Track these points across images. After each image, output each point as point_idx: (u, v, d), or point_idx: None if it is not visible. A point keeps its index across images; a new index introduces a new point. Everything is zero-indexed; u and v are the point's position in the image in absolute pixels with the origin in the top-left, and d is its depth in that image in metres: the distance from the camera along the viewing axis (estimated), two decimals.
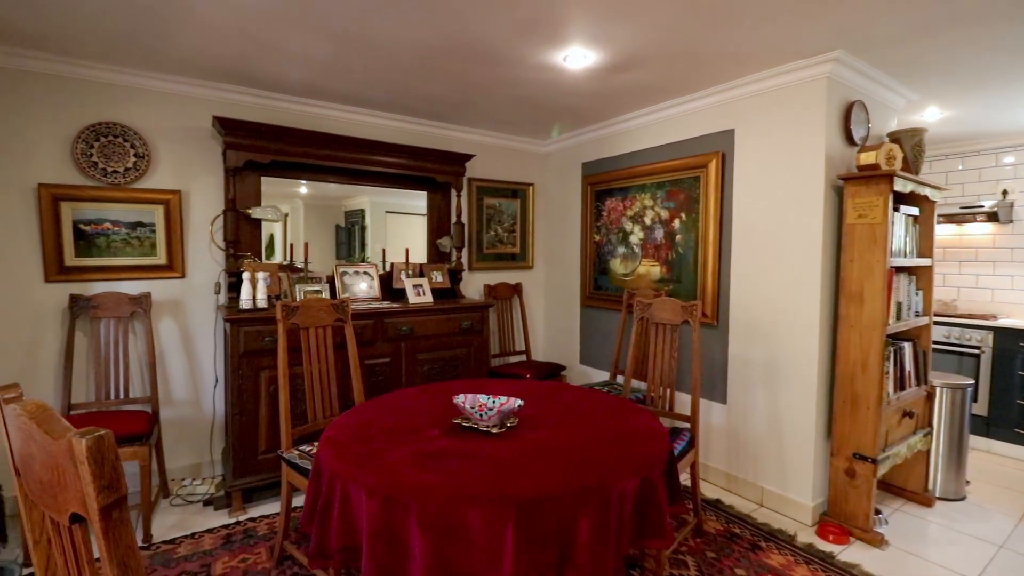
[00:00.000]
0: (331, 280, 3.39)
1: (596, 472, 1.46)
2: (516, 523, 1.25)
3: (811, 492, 2.70)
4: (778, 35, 2.35)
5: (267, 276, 2.92)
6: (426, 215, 3.95)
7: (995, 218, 3.99)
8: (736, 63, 2.68)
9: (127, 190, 2.89)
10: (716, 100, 3.09)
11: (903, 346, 2.75)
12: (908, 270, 2.81)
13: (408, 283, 3.51)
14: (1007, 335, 3.63)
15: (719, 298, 3.15)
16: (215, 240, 3.14)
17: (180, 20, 2.24)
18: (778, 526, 2.66)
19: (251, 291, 2.86)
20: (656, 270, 3.58)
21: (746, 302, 3.01)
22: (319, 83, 3.03)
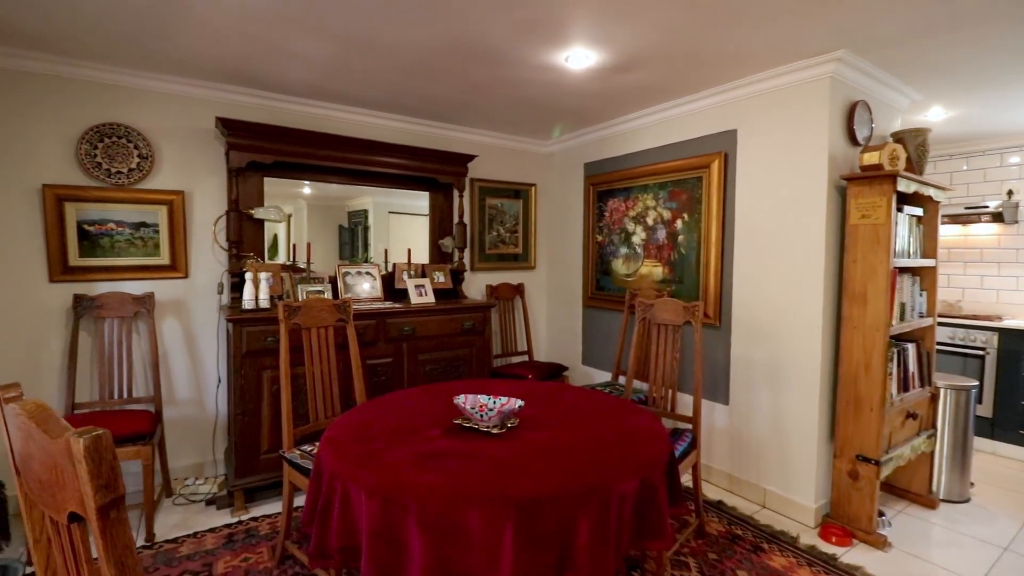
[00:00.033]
0: (333, 280, 3.40)
1: (596, 473, 1.46)
2: (515, 524, 1.25)
3: (814, 494, 2.69)
4: (780, 35, 2.34)
5: (270, 276, 2.93)
6: (428, 215, 3.96)
7: (1000, 219, 3.96)
8: (738, 63, 2.67)
9: (131, 191, 2.90)
10: (718, 100, 3.08)
11: (907, 347, 2.73)
12: (912, 271, 2.79)
13: (410, 283, 3.52)
14: (1012, 336, 3.60)
15: (721, 299, 3.15)
16: (218, 240, 3.15)
17: (182, 22, 2.25)
18: (780, 528, 2.65)
19: (254, 291, 2.87)
20: (658, 271, 3.57)
21: (749, 303, 3.00)
22: (321, 84, 3.03)
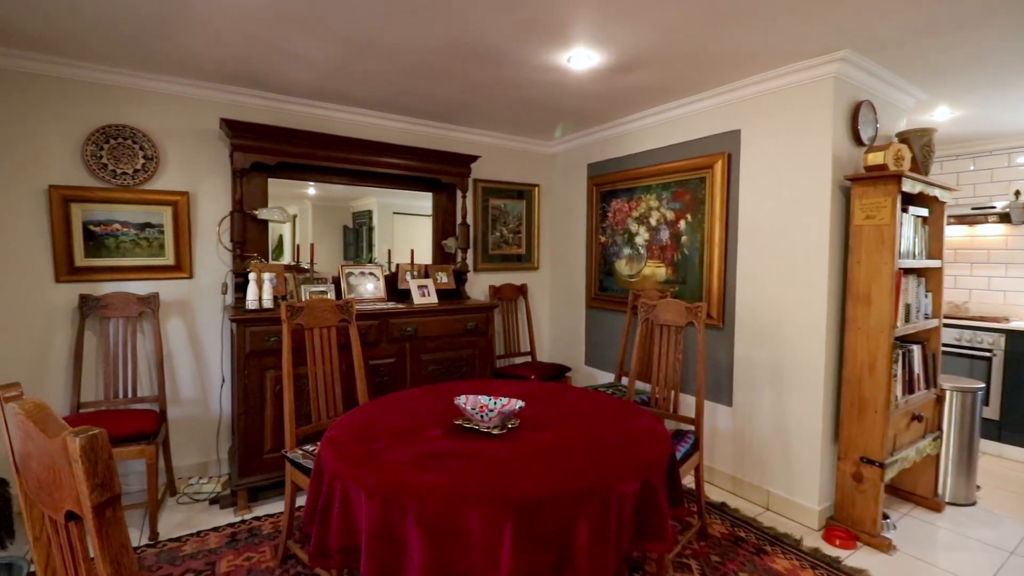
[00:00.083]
0: (337, 281, 3.41)
1: (596, 474, 1.45)
2: (515, 524, 1.25)
3: (817, 496, 2.67)
4: (783, 35, 2.33)
5: (273, 277, 2.94)
6: (431, 216, 3.96)
7: (1007, 219, 3.93)
8: (741, 63, 2.66)
9: (136, 191, 2.92)
10: (722, 101, 3.07)
11: (912, 349, 2.71)
12: (917, 272, 2.77)
13: (413, 284, 3.52)
14: (1020, 338, 3.56)
15: (725, 300, 3.13)
16: (222, 241, 3.17)
17: (185, 23, 2.26)
18: (784, 530, 2.64)
19: (257, 292, 2.88)
20: (661, 271, 3.56)
21: (752, 304, 2.98)
22: (325, 85, 3.05)
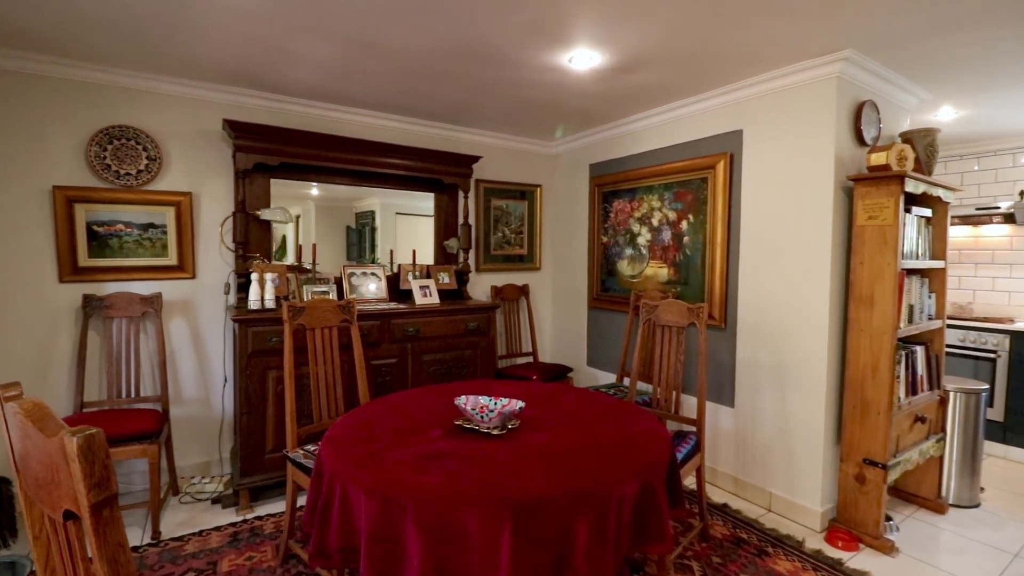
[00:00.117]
0: (339, 281, 3.42)
1: (596, 476, 1.45)
2: (513, 525, 1.24)
3: (820, 497, 2.66)
4: (786, 35, 2.32)
5: (275, 277, 2.95)
6: (433, 216, 3.96)
7: (1012, 219, 3.90)
8: (744, 63, 2.65)
9: (139, 192, 2.93)
10: (724, 101, 3.06)
11: (915, 350, 2.70)
12: (920, 272, 2.76)
13: (415, 284, 3.53)
14: None
15: (727, 300, 3.13)
16: (225, 241, 3.18)
17: (188, 25, 2.27)
18: (786, 532, 2.63)
19: (259, 292, 2.89)
20: (663, 272, 3.56)
21: (754, 304, 2.97)
22: (327, 86, 3.05)
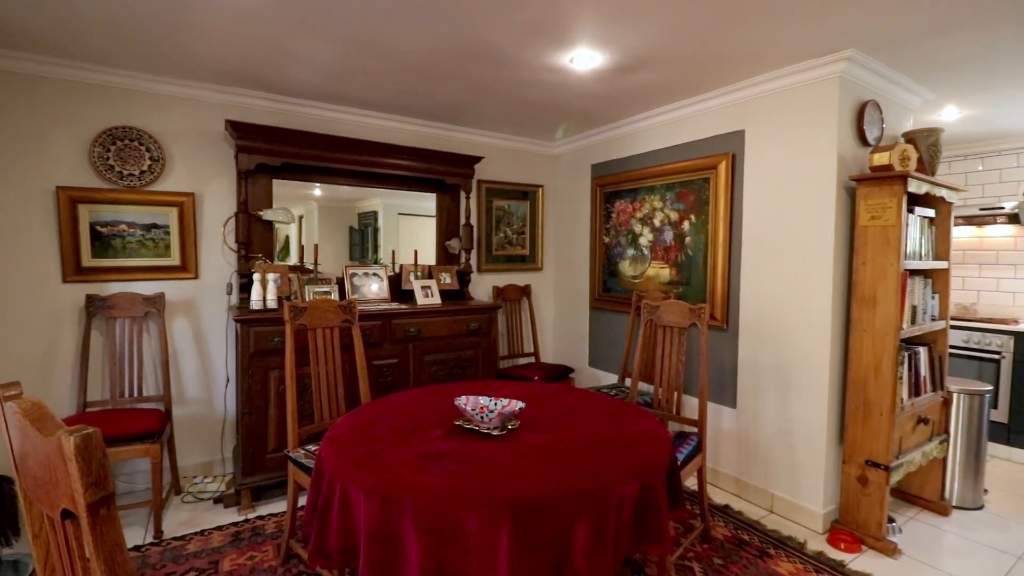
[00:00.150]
0: (341, 281, 3.42)
1: (595, 476, 1.45)
2: (512, 526, 1.24)
3: (822, 499, 2.65)
4: (788, 34, 2.31)
5: (277, 277, 2.96)
6: (435, 217, 3.97)
7: (1016, 220, 3.88)
8: (745, 63, 2.65)
9: (142, 192, 2.95)
10: (726, 101, 3.05)
11: (918, 351, 2.69)
12: (924, 273, 2.74)
13: (416, 284, 3.53)
14: None
15: (729, 301, 3.12)
16: (227, 242, 3.19)
17: (190, 27, 2.28)
18: (788, 533, 2.62)
19: (261, 292, 2.90)
20: (665, 272, 3.55)
21: (756, 305, 2.96)
22: (329, 87, 3.06)
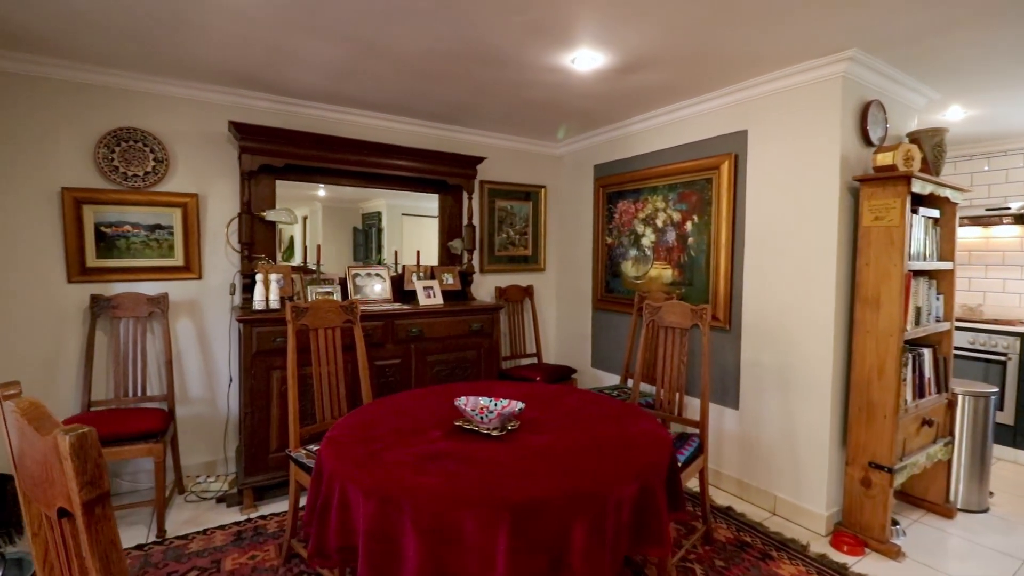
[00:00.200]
0: (343, 282, 3.43)
1: (594, 477, 1.45)
2: (510, 527, 1.24)
3: (825, 501, 2.64)
4: (790, 34, 2.31)
5: (280, 278, 2.97)
6: (438, 218, 3.97)
7: (1023, 220, 3.85)
8: (748, 63, 2.64)
9: (146, 193, 2.97)
10: (728, 101, 3.04)
11: (922, 352, 2.67)
12: (928, 274, 2.73)
13: (418, 285, 3.53)
14: None
15: (731, 302, 3.10)
16: (231, 242, 3.21)
17: (193, 29, 2.29)
18: (791, 535, 2.61)
19: (264, 292, 2.91)
20: (668, 273, 3.54)
21: (759, 306, 2.95)
22: (331, 88, 3.07)
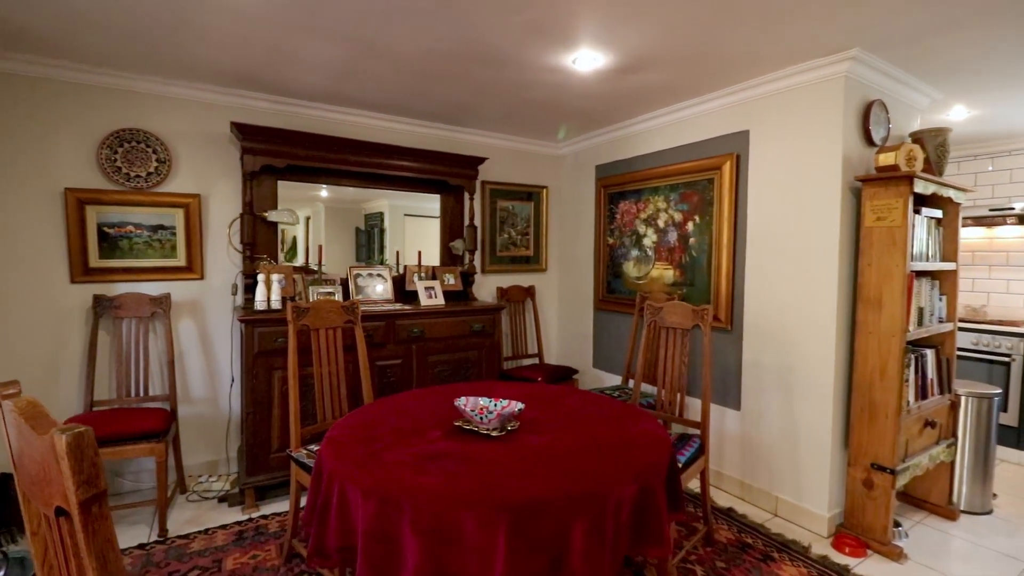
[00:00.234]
0: (345, 282, 3.44)
1: (593, 478, 1.44)
2: (509, 527, 1.24)
3: (827, 502, 2.63)
4: (792, 34, 2.30)
5: (282, 278, 2.98)
6: (440, 218, 3.98)
7: None
8: (749, 63, 2.63)
9: (149, 194, 2.98)
10: (730, 101, 3.04)
11: (925, 353, 2.66)
12: (931, 274, 2.71)
13: (420, 285, 3.54)
14: None
15: (733, 302, 3.10)
16: (232, 243, 3.22)
17: (195, 30, 2.30)
18: (792, 537, 2.60)
19: (266, 292, 2.92)
20: (669, 273, 3.54)
21: (761, 306, 2.94)
22: (333, 88, 3.08)
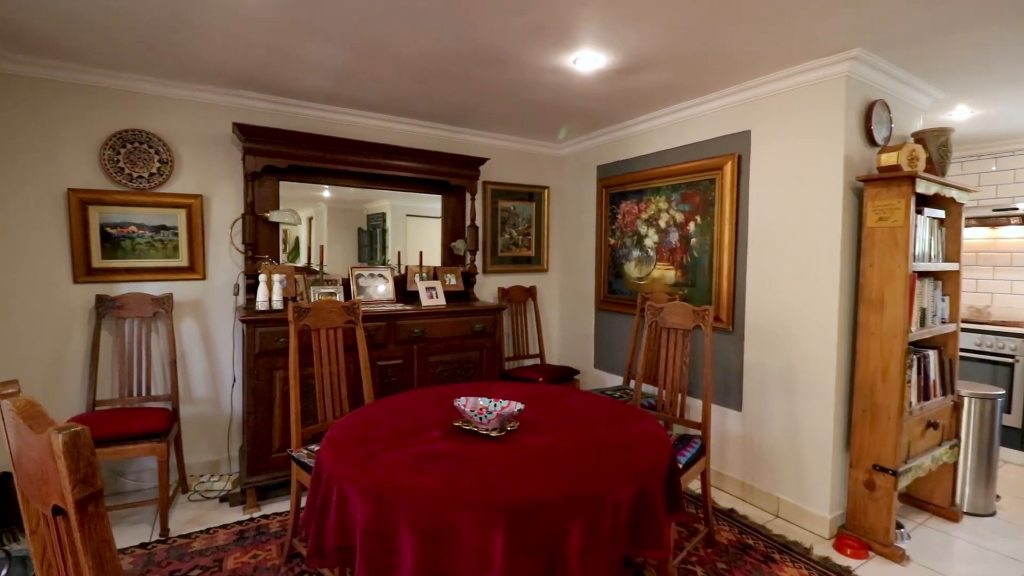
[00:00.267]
0: (346, 282, 3.44)
1: (592, 479, 1.44)
2: (507, 528, 1.24)
3: (829, 504, 2.62)
4: (793, 34, 2.29)
5: (283, 278, 2.99)
6: (441, 218, 3.98)
7: None
8: (751, 63, 2.63)
9: (151, 194, 2.99)
10: (731, 101, 3.03)
11: (927, 354, 2.65)
12: (933, 275, 2.70)
13: (421, 285, 3.54)
14: None
15: (734, 303, 3.09)
16: (234, 243, 3.23)
17: (197, 32, 2.31)
18: (793, 538, 2.59)
19: (267, 293, 2.93)
20: (671, 274, 3.53)
21: (762, 307, 2.94)
22: (333, 89, 3.08)
